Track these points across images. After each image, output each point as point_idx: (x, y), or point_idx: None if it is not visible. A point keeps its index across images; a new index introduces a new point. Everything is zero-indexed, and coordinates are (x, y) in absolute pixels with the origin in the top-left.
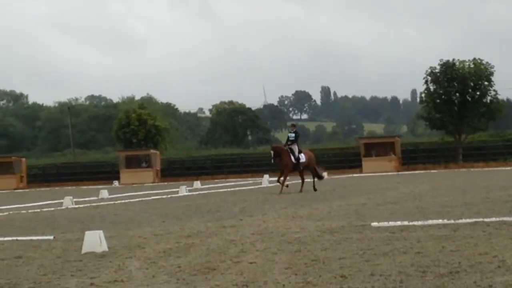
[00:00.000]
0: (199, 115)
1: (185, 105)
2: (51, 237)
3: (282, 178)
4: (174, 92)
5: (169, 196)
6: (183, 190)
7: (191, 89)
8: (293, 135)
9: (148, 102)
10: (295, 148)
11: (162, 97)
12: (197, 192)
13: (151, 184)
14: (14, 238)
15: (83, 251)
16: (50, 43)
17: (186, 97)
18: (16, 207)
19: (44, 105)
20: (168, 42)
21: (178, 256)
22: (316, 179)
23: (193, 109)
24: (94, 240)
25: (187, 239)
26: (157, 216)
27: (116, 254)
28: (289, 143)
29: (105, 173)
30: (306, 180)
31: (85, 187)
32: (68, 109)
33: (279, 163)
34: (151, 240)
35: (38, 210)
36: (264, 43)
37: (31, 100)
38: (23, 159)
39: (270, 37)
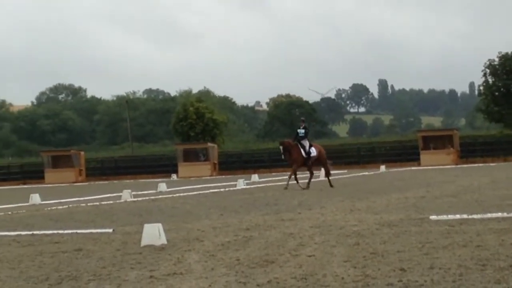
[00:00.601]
0: (256, 108)
1: (242, 98)
2: (111, 230)
3: (293, 175)
4: (231, 85)
5: (226, 189)
6: (240, 183)
7: (248, 82)
8: (303, 131)
9: (205, 95)
10: (306, 143)
11: (219, 91)
12: (254, 185)
13: (208, 178)
14: (74, 231)
15: (142, 244)
16: (107, 37)
17: (243, 90)
18: (75, 200)
19: (102, 98)
20: (223, 35)
21: (237, 249)
22: (326, 176)
23: (250, 102)
24: (153, 233)
25: (245, 232)
26: (215, 209)
27: (175, 247)
28: (298, 138)
29: (163, 167)
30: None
31: (143, 180)
32: (126, 102)
33: (289, 158)
34: (209, 233)
35: (97, 203)
36: (319, 36)
37: (89, 93)
38: (82, 153)
39: (324, 29)
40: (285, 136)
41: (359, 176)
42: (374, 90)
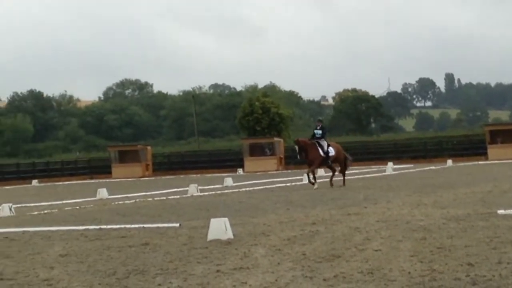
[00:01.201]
0: (322, 103)
1: (308, 93)
2: (177, 225)
3: (311, 174)
4: (297, 80)
5: (293, 183)
6: (307, 178)
7: (314, 76)
8: (320, 131)
9: (271, 90)
10: (324, 142)
11: (285, 85)
12: (320, 180)
13: (274, 172)
14: (141, 225)
15: (209, 238)
16: (173, 32)
17: (309, 85)
18: (142, 195)
19: (168, 93)
20: (287, 29)
21: (303, 243)
22: (336, 172)
23: (316, 97)
24: (220, 228)
25: (311, 227)
26: (281, 204)
27: (242, 241)
28: (316, 139)
29: (229, 161)
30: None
31: (209, 175)
32: (192, 97)
33: (306, 158)
34: (276, 228)
35: (164, 198)
36: (385, 29)
37: (155, 89)
38: (149, 148)
39: (390, 23)
40: (351, 131)
41: (426, 171)
42: (441, 84)
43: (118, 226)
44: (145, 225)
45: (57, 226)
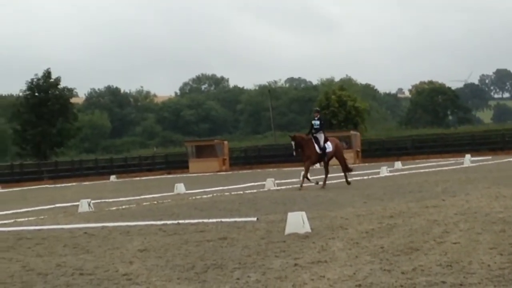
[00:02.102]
0: (398, 95)
1: (384, 86)
2: (255, 219)
3: (306, 171)
4: (373, 72)
5: (370, 177)
6: (384, 170)
7: (390, 69)
8: (317, 122)
9: (347, 83)
10: (321, 136)
11: (361, 78)
12: (398, 173)
13: (351, 165)
14: (219, 219)
15: (286, 232)
16: (248, 27)
17: (385, 78)
18: (219, 189)
19: (244, 88)
20: (363, 22)
21: (381, 236)
22: (343, 170)
23: (392, 89)
24: (297, 221)
25: (389, 220)
26: (358, 197)
27: (319, 235)
28: (313, 131)
29: None
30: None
31: (286, 169)
32: (268, 92)
33: (302, 155)
34: (353, 221)
35: (241, 192)
36: (461, 20)
37: (231, 83)
38: (225, 142)
39: (466, 14)
40: (428, 123)
41: (504, 163)
42: None
43: (196, 221)
44: (223, 220)
45: (135, 221)
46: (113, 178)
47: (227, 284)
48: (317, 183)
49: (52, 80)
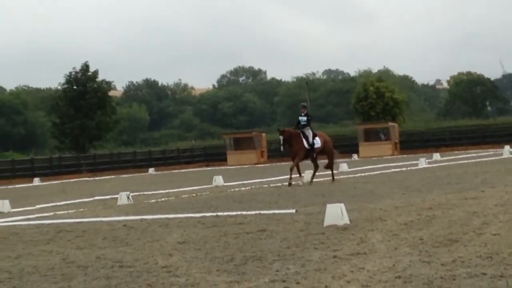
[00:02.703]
0: (437, 86)
1: (422, 77)
2: (293, 211)
3: (294, 166)
4: (410, 64)
5: (408, 168)
6: (422, 162)
7: (428, 60)
8: (304, 118)
9: (385, 74)
10: (309, 132)
11: (398, 70)
12: (436, 164)
13: (389, 157)
14: (258, 212)
15: (325, 224)
16: (285, 19)
17: (423, 68)
18: (257, 181)
19: (282, 80)
20: (400, 13)
21: (420, 228)
22: (327, 166)
23: (430, 80)
24: (336, 213)
25: (428, 211)
26: (397, 189)
27: (358, 226)
28: (300, 127)
29: (344, 147)
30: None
31: (324, 160)
32: (306, 83)
33: (290, 150)
34: (392, 213)
35: (279, 184)
36: (499, 11)
37: (269, 75)
38: (263, 134)
39: (505, 3)
40: (467, 114)
41: None
42: None
43: (234, 213)
44: (262, 212)
45: (174, 214)
46: (151, 170)
47: (267, 276)
48: (298, 183)
49: (90, 73)
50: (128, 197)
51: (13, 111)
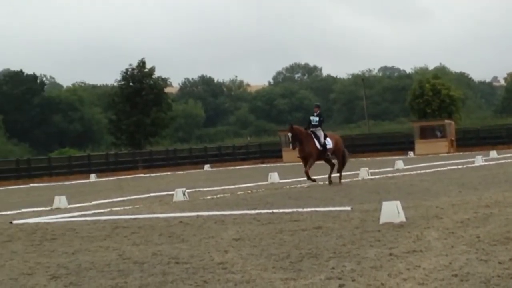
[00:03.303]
0: (494, 83)
1: (478, 74)
2: (349, 208)
3: (308, 170)
4: (467, 61)
5: (464, 166)
6: (479, 160)
7: (484, 57)
8: (316, 118)
9: (441, 71)
10: (320, 133)
11: (455, 67)
12: (493, 162)
13: (445, 154)
14: (313, 209)
15: (381, 221)
16: (341, 15)
17: (479, 65)
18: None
19: (337, 77)
20: (455, 9)
21: (477, 226)
22: (335, 170)
23: (487, 77)
24: (392, 211)
25: (485, 209)
26: (453, 186)
27: (414, 224)
28: (311, 127)
29: (400, 144)
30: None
31: (379, 158)
32: (362, 80)
33: (299, 149)
34: (448, 210)
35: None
36: None
37: (324, 72)
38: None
39: None
40: None
41: None
42: None
43: (290, 210)
44: (317, 209)
45: (230, 210)
46: (207, 167)
47: (322, 273)
48: (308, 186)
49: (146, 70)
50: (184, 194)
51: (70, 107)
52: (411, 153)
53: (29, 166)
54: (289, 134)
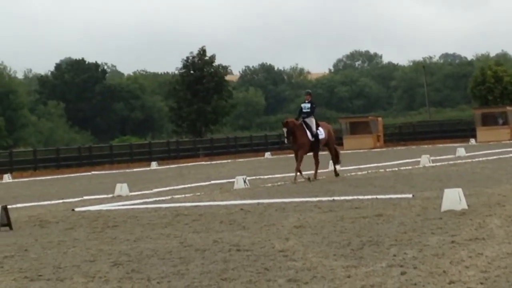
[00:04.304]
0: None
1: None
2: (410, 195)
3: (299, 163)
4: None
5: None
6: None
7: None
8: (308, 105)
9: (503, 58)
10: (312, 121)
11: None
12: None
13: (507, 142)
14: (374, 196)
15: (443, 209)
16: (400, 2)
17: None
18: (374, 166)
19: (398, 64)
20: None
21: None
22: (333, 162)
23: None
24: (454, 198)
25: None
26: None
27: (476, 212)
28: (303, 115)
29: (461, 131)
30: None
31: (441, 145)
32: (423, 68)
33: (293, 143)
34: (511, 198)
35: (396, 169)
36: None
37: (385, 60)
38: (380, 119)
39: None
40: None
41: None
42: None
43: (351, 198)
44: (378, 196)
45: (290, 198)
46: (267, 155)
47: (384, 261)
48: (309, 179)
49: (207, 58)
50: (244, 181)
51: (131, 95)
52: (472, 140)
53: (91, 154)
54: (284, 129)
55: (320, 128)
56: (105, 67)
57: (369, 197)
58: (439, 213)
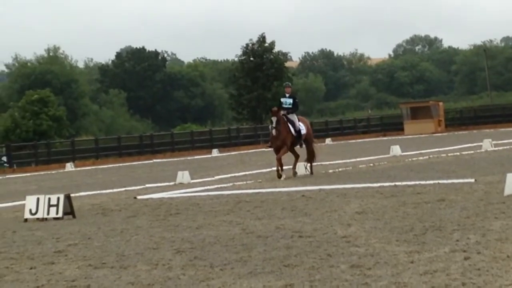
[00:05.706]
0: None
1: None
2: (472, 180)
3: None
4: None
5: None
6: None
7: None
8: (290, 101)
9: None
10: (294, 117)
11: None
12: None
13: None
14: (436, 181)
15: (506, 193)
16: None
17: None
18: (435, 150)
19: (459, 48)
20: None
21: None
22: (308, 160)
23: None
24: None
25: None
26: None
27: None
28: (284, 111)
29: None
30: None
31: (503, 129)
32: (483, 51)
33: (274, 137)
34: None
35: (458, 154)
36: None
37: (445, 44)
38: (441, 103)
39: None
40: None
41: None
42: None
43: (412, 183)
44: (440, 181)
45: (352, 184)
46: (328, 141)
47: (447, 246)
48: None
49: (267, 44)
50: (306, 168)
51: (191, 83)
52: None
53: (152, 142)
54: (273, 119)
55: (301, 124)
56: (165, 55)
57: (431, 182)
58: (502, 197)
